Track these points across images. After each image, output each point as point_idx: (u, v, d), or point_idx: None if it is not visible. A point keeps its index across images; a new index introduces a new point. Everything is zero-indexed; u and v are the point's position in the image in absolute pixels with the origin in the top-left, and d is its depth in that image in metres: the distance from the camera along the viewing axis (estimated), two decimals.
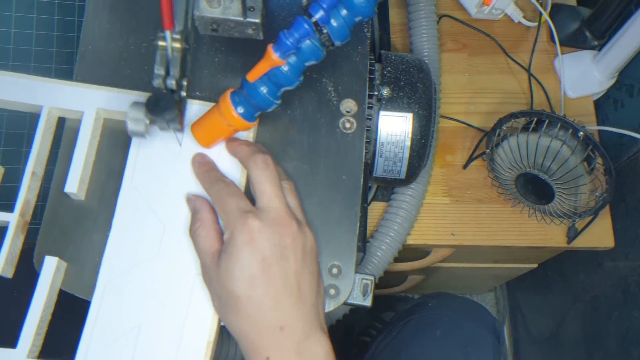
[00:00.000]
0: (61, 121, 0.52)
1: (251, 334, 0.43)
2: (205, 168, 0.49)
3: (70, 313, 0.46)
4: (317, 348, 0.44)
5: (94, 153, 0.51)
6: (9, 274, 0.47)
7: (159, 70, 0.45)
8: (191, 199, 0.49)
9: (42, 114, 0.50)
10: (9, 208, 0.48)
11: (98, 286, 0.47)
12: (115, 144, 0.52)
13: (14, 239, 0.47)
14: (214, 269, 0.45)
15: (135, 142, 0.50)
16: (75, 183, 0.49)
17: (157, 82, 0.45)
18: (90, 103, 0.51)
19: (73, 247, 0.49)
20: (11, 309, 0.50)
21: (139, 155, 0.50)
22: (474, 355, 0.66)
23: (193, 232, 0.47)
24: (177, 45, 0.45)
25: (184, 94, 0.49)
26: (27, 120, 0.49)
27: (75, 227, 0.50)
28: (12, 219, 0.48)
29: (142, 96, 0.51)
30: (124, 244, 0.48)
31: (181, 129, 0.50)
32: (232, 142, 0.50)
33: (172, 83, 0.45)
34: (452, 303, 0.75)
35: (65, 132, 0.53)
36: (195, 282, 0.47)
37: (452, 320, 0.69)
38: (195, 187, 0.50)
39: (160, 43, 0.45)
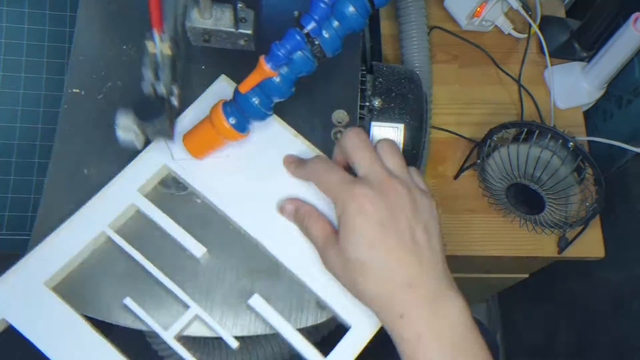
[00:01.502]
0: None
1: (382, 296, 0.44)
2: (295, 164, 0.51)
3: None
4: (449, 303, 0.44)
5: None
6: None
7: (148, 74, 0.44)
8: (283, 206, 0.50)
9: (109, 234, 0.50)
10: None
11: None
12: None
13: None
14: (334, 246, 0.45)
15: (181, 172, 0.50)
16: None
17: (147, 88, 0.45)
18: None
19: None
20: None
21: (195, 177, 0.50)
22: None
23: (304, 227, 0.48)
24: (167, 49, 0.45)
25: (175, 102, 0.48)
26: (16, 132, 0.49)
27: None
28: None
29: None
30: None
31: (172, 138, 0.50)
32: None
33: (162, 89, 0.45)
34: None
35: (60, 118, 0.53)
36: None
37: None
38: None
39: (149, 44, 0.44)
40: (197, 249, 0.49)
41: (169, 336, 0.47)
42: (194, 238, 0.49)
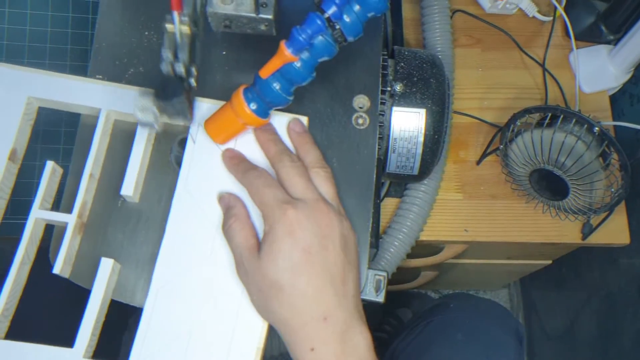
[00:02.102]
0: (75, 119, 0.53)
1: (295, 325, 0.44)
2: (235, 161, 0.50)
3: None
4: (359, 338, 0.44)
5: (148, 157, 0.52)
6: (67, 273, 0.49)
7: (167, 54, 0.45)
8: (224, 197, 0.49)
9: (101, 116, 0.51)
10: (25, 205, 0.48)
11: (151, 292, 0.47)
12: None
13: (72, 240, 0.48)
14: (254, 261, 0.45)
15: (189, 148, 0.51)
16: (131, 186, 0.50)
17: (165, 67, 0.45)
18: None
19: (87, 243, 0.50)
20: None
21: (192, 160, 0.51)
22: None
23: (228, 227, 0.47)
24: (186, 28, 0.45)
25: (193, 82, 0.48)
26: (40, 117, 0.51)
27: (89, 224, 0.50)
28: (71, 220, 0.48)
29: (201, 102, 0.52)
30: (177, 249, 0.49)
31: (190, 119, 0.50)
32: (262, 134, 0.51)
33: (180, 69, 0.45)
34: (474, 305, 0.74)
35: (80, 128, 0.53)
36: (244, 288, 0.48)
37: (474, 324, 0.68)
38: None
39: (168, 26, 0.45)
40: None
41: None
42: None
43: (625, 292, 0.84)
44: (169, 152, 0.52)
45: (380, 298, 0.52)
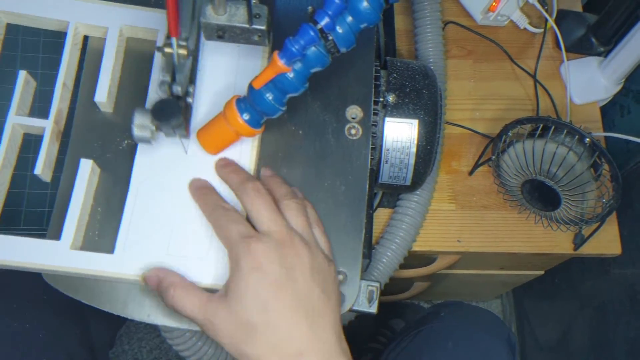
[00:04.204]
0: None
1: None
2: (203, 192, 0.49)
3: None
4: None
5: (120, 68, 0.54)
6: (47, 177, 0.51)
7: (165, 77, 0.45)
8: (149, 277, 0.47)
9: (69, 29, 0.53)
10: None
11: (132, 184, 0.50)
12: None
13: (50, 145, 0.51)
14: (219, 308, 0.43)
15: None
16: (104, 93, 0.52)
17: (163, 89, 0.45)
18: (115, 20, 0.53)
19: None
20: None
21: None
22: None
23: (172, 301, 0.45)
24: (183, 51, 0.45)
25: (190, 100, 0.49)
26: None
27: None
28: (48, 125, 0.51)
29: (163, 13, 0.54)
30: (153, 153, 0.51)
31: (187, 136, 0.50)
32: (222, 169, 0.50)
33: (178, 89, 0.45)
34: (465, 313, 0.73)
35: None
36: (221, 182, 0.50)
37: (465, 332, 0.67)
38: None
39: (166, 50, 0.45)
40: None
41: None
42: None
43: (618, 303, 0.84)
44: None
45: (373, 309, 0.52)
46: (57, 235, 0.48)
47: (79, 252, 0.48)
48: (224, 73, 0.54)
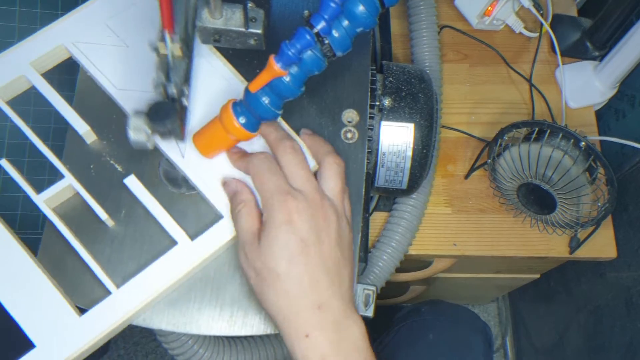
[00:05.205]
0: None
1: (290, 312, 0.44)
2: (238, 154, 0.50)
3: None
4: (354, 327, 0.45)
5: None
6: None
7: (160, 78, 0.45)
8: (229, 182, 0.49)
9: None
10: None
11: None
12: None
13: None
14: (255, 246, 0.46)
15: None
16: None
17: (158, 90, 0.45)
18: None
19: (74, 258, 0.49)
20: None
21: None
22: (466, 358, 0.69)
23: (236, 212, 0.48)
24: (178, 52, 0.45)
25: (185, 102, 0.49)
26: None
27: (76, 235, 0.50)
28: None
29: None
30: None
31: (182, 138, 0.50)
32: (263, 126, 0.51)
33: (173, 91, 0.45)
34: (444, 309, 0.76)
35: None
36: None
37: (444, 325, 0.72)
38: None
39: (161, 50, 0.45)
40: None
41: (40, 199, 0.48)
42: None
43: (613, 306, 0.84)
44: (157, 166, 0.52)
45: (370, 313, 0.52)
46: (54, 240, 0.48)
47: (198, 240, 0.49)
48: (220, 77, 0.54)
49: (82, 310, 0.47)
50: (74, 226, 0.49)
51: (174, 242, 0.49)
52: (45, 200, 0.49)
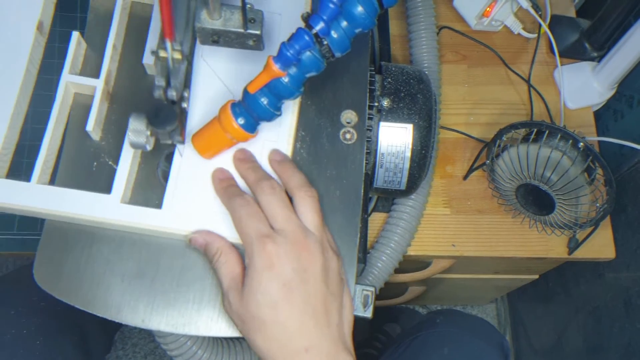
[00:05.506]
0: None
1: (278, 356, 0.44)
2: (224, 184, 0.50)
3: None
4: None
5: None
6: (97, 135, 0.53)
7: (160, 82, 0.45)
8: (196, 238, 0.49)
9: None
10: None
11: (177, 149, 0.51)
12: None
13: (100, 103, 0.52)
14: (238, 293, 0.45)
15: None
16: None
17: (157, 93, 0.45)
18: None
19: (73, 258, 0.49)
20: None
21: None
22: None
23: (215, 262, 0.47)
24: (178, 55, 0.45)
25: (185, 105, 0.49)
26: None
27: (75, 239, 0.50)
28: (99, 85, 0.52)
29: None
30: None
31: (182, 141, 0.50)
32: (240, 163, 0.51)
33: (173, 94, 0.45)
34: (460, 320, 0.75)
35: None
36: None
37: (460, 338, 0.69)
38: None
39: (161, 54, 0.45)
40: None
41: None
42: None
43: (612, 307, 0.84)
44: (156, 167, 0.52)
45: (368, 313, 0.52)
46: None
47: (128, 206, 0.49)
48: (219, 78, 0.54)
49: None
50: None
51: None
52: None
